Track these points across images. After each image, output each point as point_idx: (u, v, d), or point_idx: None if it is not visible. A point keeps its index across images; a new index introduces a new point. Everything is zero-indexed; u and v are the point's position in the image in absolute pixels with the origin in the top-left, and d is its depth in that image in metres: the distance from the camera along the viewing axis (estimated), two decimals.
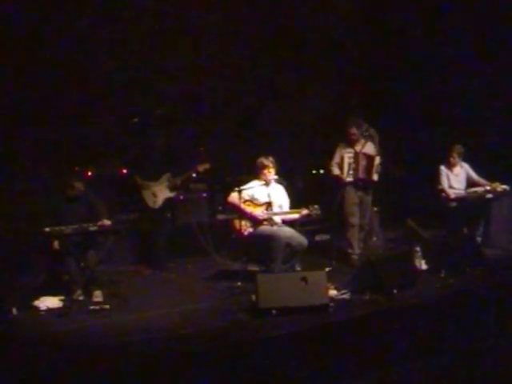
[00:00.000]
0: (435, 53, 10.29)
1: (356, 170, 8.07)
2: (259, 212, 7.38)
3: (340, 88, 10.28)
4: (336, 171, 8.20)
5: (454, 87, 10.13)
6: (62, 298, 6.90)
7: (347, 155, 8.10)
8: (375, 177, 8.17)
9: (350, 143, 8.21)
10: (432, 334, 6.30)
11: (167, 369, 5.27)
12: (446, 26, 10.17)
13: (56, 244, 6.93)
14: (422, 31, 10.30)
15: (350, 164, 8.08)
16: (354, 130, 8.17)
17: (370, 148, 8.23)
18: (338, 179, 8.16)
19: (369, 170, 8.09)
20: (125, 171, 8.60)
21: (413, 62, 10.43)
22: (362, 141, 8.18)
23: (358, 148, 8.15)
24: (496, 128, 9.81)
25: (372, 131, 8.58)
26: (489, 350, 6.20)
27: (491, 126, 9.86)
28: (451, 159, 8.66)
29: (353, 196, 8.12)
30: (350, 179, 8.08)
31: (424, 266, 7.60)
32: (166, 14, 9.26)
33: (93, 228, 6.85)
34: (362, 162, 8.07)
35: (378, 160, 8.15)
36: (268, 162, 7.42)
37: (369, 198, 8.25)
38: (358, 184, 8.12)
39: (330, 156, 8.30)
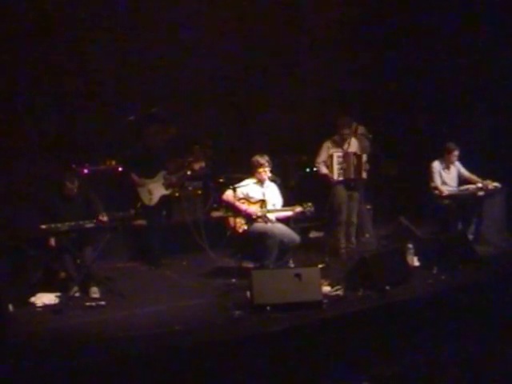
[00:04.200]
0: (427, 52, 10.35)
1: (347, 169, 8.14)
2: (254, 209, 7.44)
3: (335, 87, 10.33)
4: (324, 170, 8.26)
5: (446, 86, 10.20)
6: (59, 294, 6.92)
7: (336, 154, 8.16)
8: (364, 174, 8.28)
9: (339, 142, 8.28)
10: (424, 330, 6.37)
11: (162, 365, 5.32)
12: (438, 24, 10.23)
13: (52, 241, 6.95)
14: (416, 30, 10.36)
15: (339, 163, 8.14)
16: (346, 131, 8.26)
17: (354, 146, 8.34)
18: (327, 178, 8.23)
19: (359, 168, 8.18)
20: (120, 169, 8.63)
21: (406, 61, 10.49)
22: (348, 139, 8.28)
23: (345, 147, 8.24)
24: (487, 126, 9.88)
25: (362, 129, 8.66)
26: (481, 346, 6.28)
27: (482, 125, 9.93)
28: (450, 158, 8.70)
29: (342, 194, 8.20)
30: (341, 178, 8.16)
31: (416, 263, 7.68)
32: (162, 13, 9.30)
33: (89, 225, 6.89)
34: (353, 162, 8.15)
35: (364, 158, 8.25)
36: (263, 160, 7.47)
37: (357, 195, 8.33)
38: (349, 183, 8.20)
39: (315, 154, 8.38)
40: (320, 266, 7.00)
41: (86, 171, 8.38)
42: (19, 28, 8.20)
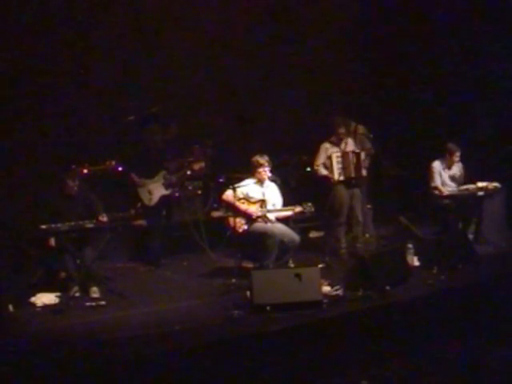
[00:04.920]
0: (427, 52, 10.36)
1: (347, 168, 8.15)
2: (253, 209, 7.45)
3: (334, 87, 10.35)
4: (323, 172, 8.26)
5: (445, 86, 10.21)
6: (59, 294, 6.93)
7: (335, 154, 8.17)
8: (364, 172, 8.29)
9: (336, 143, 8.29)
10: (424, 330, 6.38)
11: (162, 365, 5.32)
12: (438, 25, 10.24)
13: (52, 241, 6.95)
14: (415, 32, 10.36)
15: (338, 163, 8.15)
16: (342, 130, 8.27)
17: (351, 145, 8.35)
18: (327, 179, 8.23)
19: (358, 167, 8.19)
20: (120, 169, 8.63)
21: (405, 61, 10.50)
22: (345, 139, 8.29)
23: (342, 147, 8.25)
24: (487, 127, 9.88)
25: (362, 129, 8.66)
26: (481, 346, 6.29)
27: (483, 125, 9.93)
28: (452, 159, 8.70)
29: (343, 195, 8.19)
30: (341, 178, 8.16)
31: (416, 263, 7.68)
32: (162, 13, 9.31)
33: (89, 225, 6.90)
34: (353, 161, 8.16)
35: (363, 156, 8.27)
36: (263, 160, 7.48)
37: (360, 193, 8.33)
38: (350, 182, 8.21)
39: (314, 156, 8.38)
40: (320, 265, 7.00)
41: (85, 171, 8.38)
42: (19, 28, 8.20)
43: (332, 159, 8.15)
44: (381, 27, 10.50)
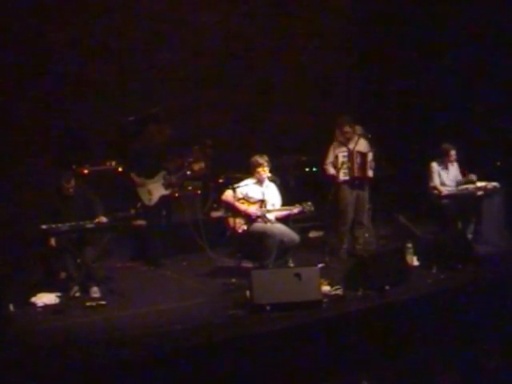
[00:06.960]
0: (428, 52, 10.37)
1: (351, 168, 8.15)
2: (253, 209, 7.46)
3: (334, 87, 10.37)
4: (331, 171, 8.25)
5: (445, 86, 10.22)
6: (59, 294, 6.95)
7: (341, 154, 8.16)
8: (370, 173, 8.26)
9: (344, 142, 8.29)
10: (424, 330, 6.39)
11: (162, 364, 5.34)
12: (438, 24, 10.25)
13: (53, 241, 6.95)
14: (416, 30, 10.38)
15: (343, 162, 8.15)
16: (347, 129, 8.25)
17: (362, 145, 8.32)
18: (333, 178, 8.23)
19: (364, 167, 8.18)
20: (120, 169, 8.65)
21: (404, 61, 10.51)
22: (355, 138, 8.28)
23: (351, 146, 8.24)
24: (486, 126, 9.89)
25: (359, 129, 8.66)
26: (480, 346, 6.30)
27: (481, 124, 9.94)
28: (448, 159, 8.71)
29: (347, 195, 8.18)
30: (345, 178, 8.16)
31: (416, 263, 7.68)
32: (162, 12, 9.32)
33: (89, 225, 6.91)
34: (357, 160, 8.15)
35: (370, 156, 8.25)
36: (262, 160, 7.48)
37: (365, 194, 8.32)
38: (354, 182, 8.20)
39: (324, 155, 8.38)
40: (320, 265, 7.01)
41: (85, 171, 8.40)
42: (19, 27, 8.22)
43: (338, 158, 8.16)
44: (379, 29, 10.52)
